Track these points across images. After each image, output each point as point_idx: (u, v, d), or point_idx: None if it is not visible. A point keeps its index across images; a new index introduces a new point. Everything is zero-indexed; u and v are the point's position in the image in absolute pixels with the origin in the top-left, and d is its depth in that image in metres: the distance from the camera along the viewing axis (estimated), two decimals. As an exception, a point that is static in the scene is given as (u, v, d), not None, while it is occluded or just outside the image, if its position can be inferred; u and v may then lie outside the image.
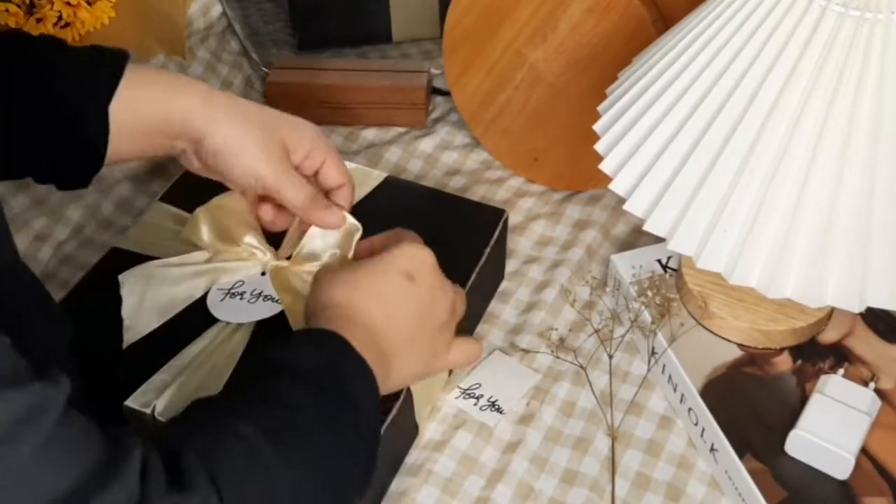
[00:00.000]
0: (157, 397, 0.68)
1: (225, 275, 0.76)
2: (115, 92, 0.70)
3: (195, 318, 0.74)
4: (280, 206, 0.76)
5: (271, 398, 0.58)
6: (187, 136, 0.72)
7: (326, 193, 0.77)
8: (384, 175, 0.87)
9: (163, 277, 0.76)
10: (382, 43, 1.16)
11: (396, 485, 0.74)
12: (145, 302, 0.74)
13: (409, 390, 0.71)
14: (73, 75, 0.70)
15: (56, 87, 0.70)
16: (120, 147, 0.71)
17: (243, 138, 0.72)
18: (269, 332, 0.73)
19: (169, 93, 0.72)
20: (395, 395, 0.69)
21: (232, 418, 0.56)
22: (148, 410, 0.68)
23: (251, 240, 0.77)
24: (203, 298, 0.76)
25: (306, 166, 0.76)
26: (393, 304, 0.66)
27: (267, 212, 0.76)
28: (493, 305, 0.87)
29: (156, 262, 0.77)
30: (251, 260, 0.77)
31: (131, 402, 0.68)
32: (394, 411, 0.69)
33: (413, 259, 0.68)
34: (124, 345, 0.72)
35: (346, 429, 0.60)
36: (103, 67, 0.71)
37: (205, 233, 0.77)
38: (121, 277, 0.76)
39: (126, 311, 0.74)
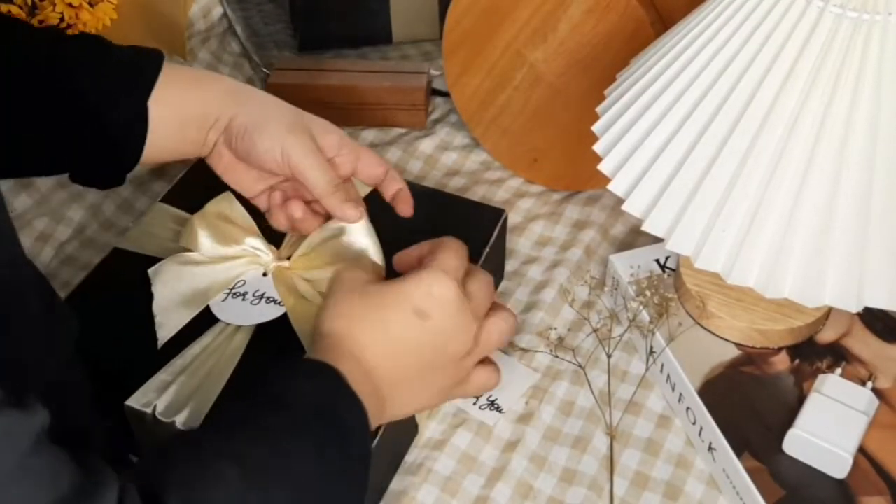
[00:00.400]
0: (157, 397, 0.68)
1: (235, 270, 0.77)
2: (154, 88, 0.71)
3: (196, 317, 0.74)
4: (310, 206, 0.76)
5: (259, 436, 0.57)
6: (219, 123, 0.73)
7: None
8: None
9: (191, 274, 0.76)
10: (382, 44, 1.16)
11: (396, 483, 0.74)
12: (175, 298, 0.74)
13: None
14: (114, 72, 0.72)
15: (97, 84, 0.71)
16: (157, 143, 0.73)
17: (273, 113, 0.73)
18: (270, 332, 0.74)
19: (202, 84, 0.74)
20: None
21: (216, 458, 0.55)
22: (149, 410, 0.68)
23: (252, 241, 0.77)
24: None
25: (339, 164, 0.75)
26: (395, 342, 0.64)
27: (297, 208, 0.75)
28: (493, 305, 0.87)
29: (183, 255, 0.77)
30: (253, 261, 0.77)
31: (132, 402, 0.68)
32: None
33: (429, 297, 0.64)
34: (159, 343, 0.72)
35: (335, 460, 0.59)
36: (142, 65, 0.72)
37: (203, 238, 0.77)
38: (151, 272, 0.76)
39: (157, 308, 0.74)
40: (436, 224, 0.82)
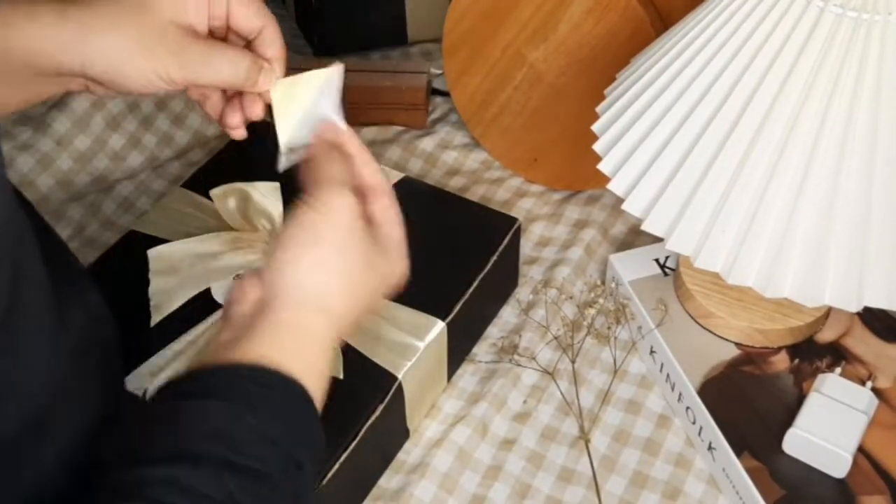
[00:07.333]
0: (150, 381, 0.69)
1: (241, 258, 0.77)
2: None
3: (195, 304, 0.74)
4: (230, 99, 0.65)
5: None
6: (66, 75, 0.58)
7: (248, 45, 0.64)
8: (401, 175, 0.86)
9: (191, 259, 0.76)
10: (399, 46, 1.15)
11: (394, 481, 0.74)
12: (171, 283, 0.75)
13: (399, 391, 0.71)
14: None
15: None
16: None
17: (123, 44, 0.57)
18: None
19: (13, 26, 0.56)
20: (380, 397, 0.70)
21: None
22: (139, 393, 0.69)
23: (266, 227, 0.78)
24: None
25: (214, 17, 0.62)
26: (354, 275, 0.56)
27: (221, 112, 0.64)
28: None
29: (181, 241, 0.77)
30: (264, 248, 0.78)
31: (126, 384, 0.69)
32: (377, 412, 0.69)
33: (347, 209, 0.57)
34: (152, 323, 0.73)
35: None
36: None
37: (231, 206, 0.78)
38: (150, 253, 0.76)
39: (153, 291, 0.75)
40: (447, 228, 0.82)
